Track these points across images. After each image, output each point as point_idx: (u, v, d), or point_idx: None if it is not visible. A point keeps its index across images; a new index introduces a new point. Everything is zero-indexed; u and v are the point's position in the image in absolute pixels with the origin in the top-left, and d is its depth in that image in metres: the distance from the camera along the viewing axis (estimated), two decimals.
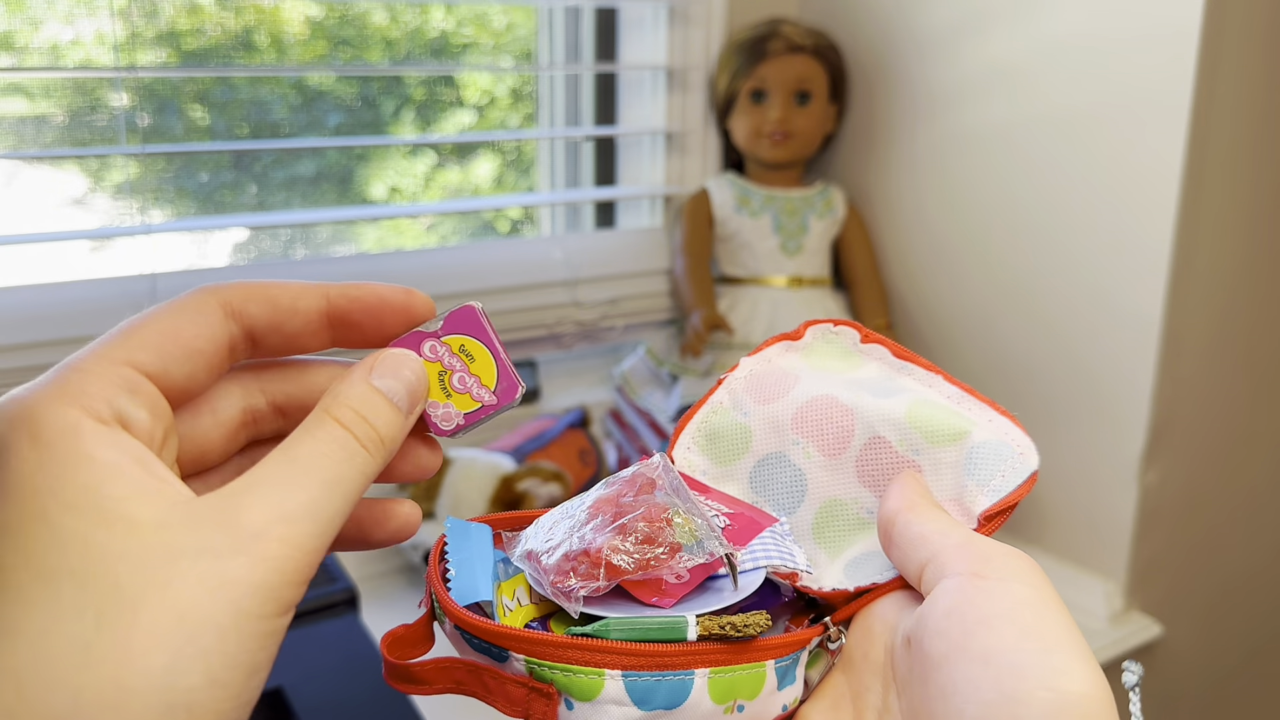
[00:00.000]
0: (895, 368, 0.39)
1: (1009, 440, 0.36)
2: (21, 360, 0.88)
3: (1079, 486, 1.05)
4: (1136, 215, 0.96)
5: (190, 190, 1.04)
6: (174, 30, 0.98)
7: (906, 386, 0.38)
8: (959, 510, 0.36)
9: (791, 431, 0.39)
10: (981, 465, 0.36)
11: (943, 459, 0.36)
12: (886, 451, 0.37)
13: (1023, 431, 0.36)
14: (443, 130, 1.17)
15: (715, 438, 0.40)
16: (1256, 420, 1.13)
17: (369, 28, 1.10)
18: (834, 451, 0.38)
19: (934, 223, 1.15)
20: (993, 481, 0.35)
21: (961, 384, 0.38)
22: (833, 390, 0.39)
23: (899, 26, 1.14)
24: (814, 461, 0.38)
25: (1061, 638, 0.29)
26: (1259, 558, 1.21)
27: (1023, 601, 0.30)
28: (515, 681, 0.32)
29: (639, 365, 1.18)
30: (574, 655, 0.31)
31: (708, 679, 0.32)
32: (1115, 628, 1.03)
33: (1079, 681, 0.28)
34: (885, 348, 0.40)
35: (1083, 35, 0.97)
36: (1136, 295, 0.97)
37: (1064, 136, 1.01)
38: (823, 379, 0.39)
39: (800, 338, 0.41)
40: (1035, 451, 0.36)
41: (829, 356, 0.40)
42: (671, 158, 1.22)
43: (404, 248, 1.15)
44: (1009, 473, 0.35)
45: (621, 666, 0.31)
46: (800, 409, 0.39)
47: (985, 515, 0.35)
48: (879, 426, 0.37)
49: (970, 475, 0.36)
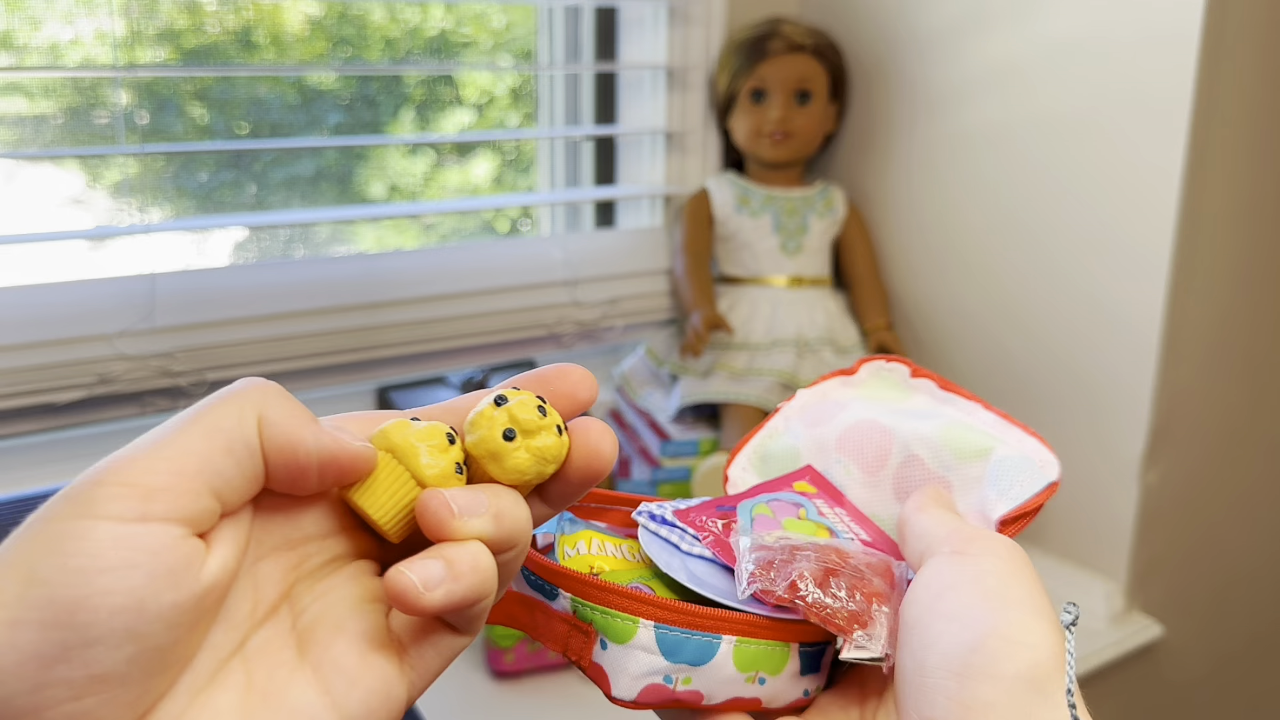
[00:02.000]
0: (940, 399, 0.42)
1: (1032, 455, 0.38)
2: (22, 360, 0.87)
3: (1080, 487, 1.05)
4: (1137, 216, 0.96)
5: (189, 189, 1.04)
6: (173, 28, 0.98)
7: (946, 414, 0.41)
8: (980, 519, 0.38)
9: (835, 451, 0.42)
10: (1003, 476, 0.38)
11: (970, 474, 0.39)
12: (920, 468, 0.40)
13: (1049, 450, 0.39)
14: (442, 130, 1.17)
15: (768, 459, 0.43)
16: (1256, 420, 1.13)
17: (368, 27, 1.10)
18: (873, 470, 0.41)
19: (934, 222, 1.15)
20: (1011, 490, 0.37)
21: (1000, 411, 0.40)
22: (876, 415, 0.42)
23: (899, 26, 1.14)
24: (854, 478, 0.41)
25: (1021, 599, 0.32)
26: (1259, 557, 1.21)
27: (990, 571, 0.33)
28: (560, 618, 0.34)
29: (639, 365, 1.18)
30: (614, 600, 0.34)
31: (734, 645, 0.34)
32: (1116, 628, 1.03)
33: (1031, 634, 0.30)
34: (933, 381, 0.43)
35: (1084, 36, 0.97)
36: (1137, 295, 0.97)
37: (1065, 136, 1.01)
38: (870, 406, 0.42)
39: (855, 373, 0.44)
40: (1057, 465, 0.38)
41: (880, 389, 0.44)
42: (671, 157, 1.21)
43: (403, 247, 1.15)
44: (1027, 482, 0.37)
45: (655, 618, 0.34)
46: (844, 431, 0.42)
47: (1002, 520, 0.37)
48: (914, 445, 0.40)
49: (992, 486, 0.38)
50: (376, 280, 1.04)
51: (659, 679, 0.34)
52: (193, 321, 0.94)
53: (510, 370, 1.17)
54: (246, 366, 0.97)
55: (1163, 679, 1.13)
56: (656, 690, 0.34)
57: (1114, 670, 1.02)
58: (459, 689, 0.87)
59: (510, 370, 1.17)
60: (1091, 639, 1.00)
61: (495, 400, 0.31)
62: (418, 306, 1.05)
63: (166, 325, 0.93)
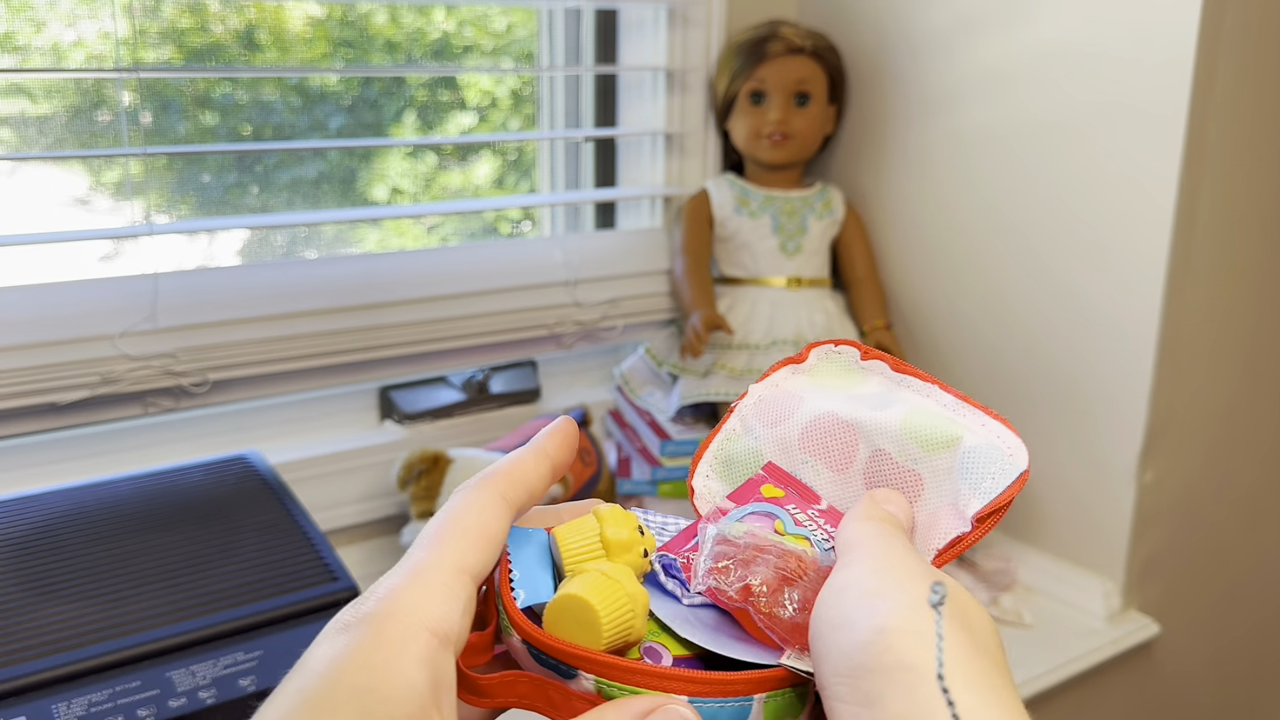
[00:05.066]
0: (895, 381, 0.40)
1: (1000, 443, 0.37)
2: (25, 360, 0.88)
3: (1077, 486, 1.06)
4: (1133, 217, 0.97)
5: (193, 191, 1.05)
6: (176, 28, 0.99)
7: (904, 398, 0.39)
8: (954, 514, 0.37)
9: (799, 451, 0.40)
10: (973, 469, 0.37)
11: (939, 466, 0.37)
12: (888, 464, 0.38)
13: (1014, 434, 0.37)
14: (444, 132, 1.18)
15: (731, 464, 0.41)
16: (1254, 420, 1.14)
17: (371, 30, 1.10)
18: (841, 467, 0.39)
19: (933, 223, 1.15)
20: (983, 484, 0.36)
21: (957, 392, 0.39)
22: (833, 407, 0.40)
23: (898, 29, 1.15)
24: (824, 478, 0.40)
25: (882, 585, 0.31)
26: (1257, 556, 1.21)
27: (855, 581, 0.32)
28: (583, 699, 0.32)
29: (639, 365, 1.19)
30: (642, 680, 0.32)
31: (763, 702, 0.33)
32: (1113, 627, 1.03)
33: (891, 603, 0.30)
34: (885, 363, 0.41)
35: (1081, 40, 0.98)
36: (1134, 295, 0.98)
37: (1064, 137, 1.01)
38: (824, 397, 0.41)
39: (804, 360, 0.42)
40: (1025, 452, 0.36)
41: (832, 375, 0.42)
42: (671, 159, 1.22)
43: (405, 248, 1.16)
44: (998, 474, 0.36)
45: (690, 693, 0.32)
46: (805, 429, 0.40)
47: (977, 517, 0.36)
48: (878, 440, 0.38)
49: (963, 479, 0.37)
50: (378, 280, 1.04)
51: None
52: (195, 322, 0.95)
53: (510, 370, 1.17)
54: (249, 366, 0.97)
55: (1160, 678, 1.13)
56: None
57: (1111, 669, 1.02)
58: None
59: (510, 370, 1.17)
60: (1089, 638, 1.01)
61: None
62: (419, 307, 1.06)
63: (169, 325, 0.94)
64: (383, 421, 1.13)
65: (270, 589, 0.72)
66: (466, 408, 1.13)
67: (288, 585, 0.73)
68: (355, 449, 1.06)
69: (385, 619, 0.30)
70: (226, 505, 0.82)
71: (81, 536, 0.76)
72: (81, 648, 0.65)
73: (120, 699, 0.63)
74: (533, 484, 0.35)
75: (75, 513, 0.79)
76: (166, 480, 0.86)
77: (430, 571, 0.31)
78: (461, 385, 1.14)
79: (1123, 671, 1.06)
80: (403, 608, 0.30)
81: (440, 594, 0.31)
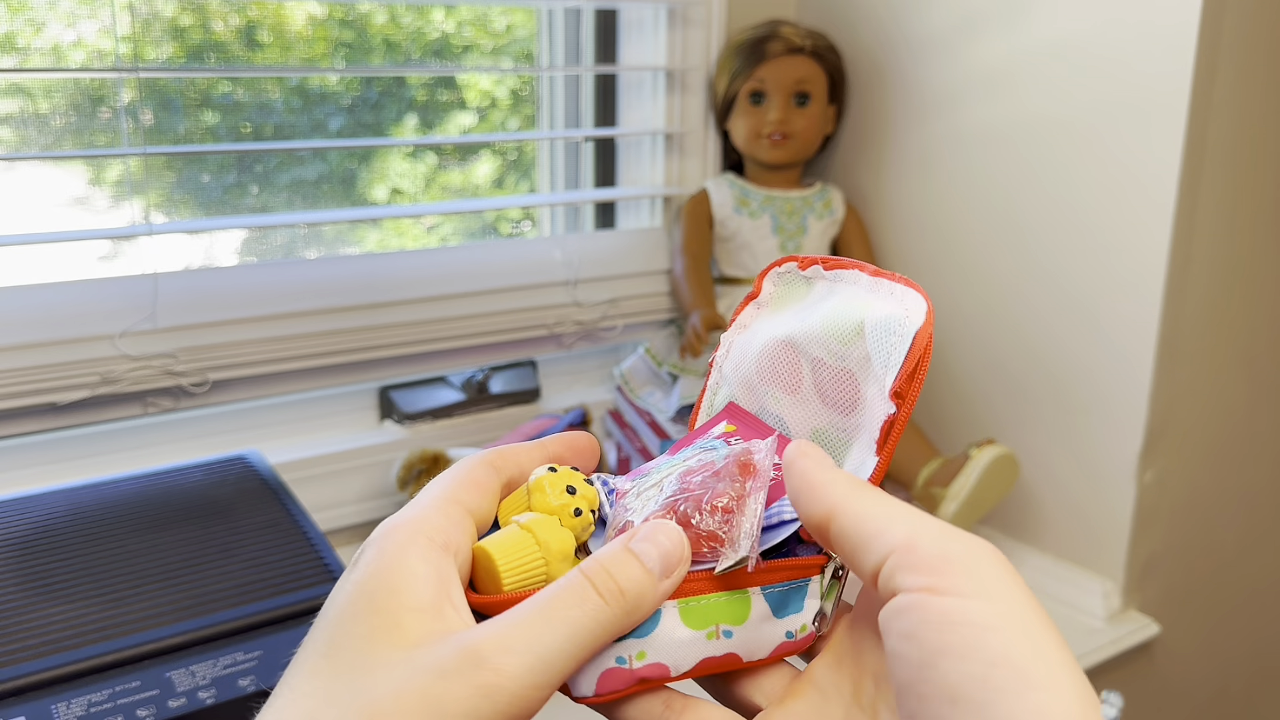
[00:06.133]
0: (830, 279, 0.40)
1: (899, 309, 0.35)
2: (25, 360, 0.88)
3: (1077, 486, 1.06)
4: (1134, 216, 0.97)
5: (192, 191, 1.05)
6: (176, 27, 0.99)
7: (833, 294, 0.39)
8: (882, 400, 0.35)
9: (759, 385, 0.40)
10: (880, 346, 0.35)
11: (858, 354, 0.36)
12: (826, 370, 0.38)
13: (915, 290, 0.35)
14: (444, 132, 1.18)
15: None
16: (1254, 419, 1.14)
17: (370, 30, 1.10)
18: (794, 388, 0.39)
19: (932, 223, 1.15)
20: (891, 358, 0.35)
21: (877, 269, 0.38)
22: (772, 332, 0.40)
23: (897, 28, 1.15)
24: (784, 404, 0.39)
25: (1036, 664, 0.26)
26: (1256, 556, 1.21)
27: (987, 625, 0.26)
28: None
29: (639, 365, 1.19)
30: None
31: (677, 608, 0.33)
32: (1113, 627, 1.03)
33: (1054, 699, 0.25)
34: (818, 264, 0.40)
35: (1081, 39, 0.98)
36: (1134, 295, 0.98)
37: (1063, 137, 1.01)
38: (768, 324, 0.41)
39: (759, 292, 0.42)
40: (922, 306, 0.34)
41: (785, 298, 0.42)
42: (671, 159, 1.22)
43: (405, 248, 1.16)
44: (899, 342, 0.34)
45: None
46: (757, 361, 0.40)
47: (894, 392, 0.34)
48: (811, 349, 0.38)
49: (877, 360, 0.35)
50: (378, 280, 1.04)
51: (610, 662, 0.32)
52: (195, 322, 0.95)
53: (510, 370, 1.17)
54: (249, 366, 0.97)
55: (1160, 677, 1.13)
56: (615, 675, 0.32)
57: (1111, 668, 1.02)
58: None
59: (510, 370, 1.17)
60: (1088, 637, 1.01)
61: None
62: (419, 307, 1.06)
63: (169, 325, 0.94)
64: (382, 421, 1.13)
65: (270, 589, 0.73)
66: (466, 408, 1.13)
67: (288, 585, 0.73)
68: (355, 449, 1.06)
69: (385, 538, 0.33)
70: (226, 505, 0.82)
71: (81, 536, 0.76)
72: (81, 648, 0.65)
73: (120, 699, 0.63)
74: (522, 462, 0.38)
75: (75, 513, 0.79)
76: (166, 480, 0.86)
77: (422, 502, 0.34)
78: (461, 385, 1.14)
79: (1122, 671, 1.06)
80: (400, 526, 0.33)
81: (434, 513, 0.34)
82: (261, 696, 0.65)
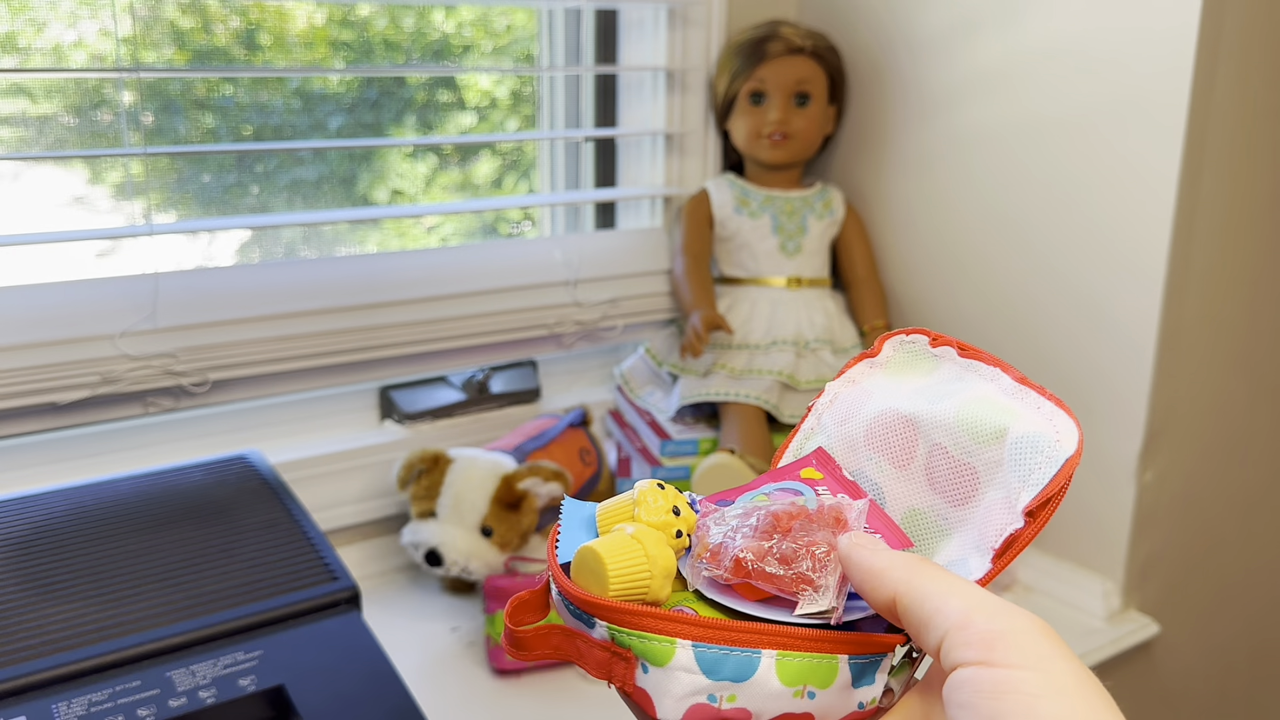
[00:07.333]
0: (963, 366, 0.40)
1: (1050, 428, 0.36)
2: (25, 360, 0.88)
3: (1077, 485, 1.06)
4: (1133, 215, 0.97)
5: (193, 191, 1.05)
6: (177, 28, 0.99)
7: (966, 387, 0.39)
8: (1007, 509, 0.36)
9: (865, 448, 0.40)
10: (1022, 460, 0.36)
11: (991, 458, 0.37)
12: (945, 458, 0.38)
13: (1068, 415, 0.36)
14: (444, 132, 1.18)
15: None
16: (1253, 419, 1.14)
17: (371, 30, 1.10)
18: (903, 463, 0.39)
19: (932, 223, 1.15)
20: (1033, 475, 0.35)
21: (1019, 375, 0.38)
22: (895, 403, 0.40)
23: (897, 29, 1.15)
24: (888, 475, 0.40)
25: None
26: (1256, 555, 1.21)
27: (1036, 693, 0.29)
28: (600, 645, 0.34)
29: (639, 365, 1.19)
30: (649, 624, 0.33)
31: (775, 660, 0.33)
32: (1113, 626, 1.03)
33: None
34: (952, 347, 0.41)
35: (1081, 39, 0.98)
36: (1133, 295, 0.98)
37: (1063, 137, 1.01)
38: (890, 392, 0.41)
39: (879, 353, 0.43)
40: (1075, 434, 0.35)
41: (904, 366, 0.42)
42: (671, 159, 1.22)
43: (405, 249, 1.16)
44: (1045, 464, 0.35)
45: (692, 637, 0.33)
46: (869, 426, 0.40)
47: (1026, 510, 0.35)
48: (935, 434, 0.38)
49: (1013, 471, 0.36)
50: (378, 280, 1.04)
51: (703, 698, 0.33)
52: (195, 321, 0.95)
53: (511, 370, 1.17)
54: (249, 366, 0.97)
55: (1159, 677, 1.13)
56: (702, 710, 0.33)
57: (1111, 668, 1.02)
58: (460, 687, 0.88)
59: (511, 370, 1.17)
60: (1088, 637, 1.01)
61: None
62: (419, 307, 1.06)
63: (169, 325, 0.94)
64: (383, 421, 1.13)
65: (270, 589, 0.73)
66: (466, 407, 1.13)
67: (288, 585, 0.73)
68: (355, 449, 1.06)
69: None
70: (226, 505, 0.82)
71: (81, 536, 0.76)
72: (81, 648, 0.65)
73: (120, 699, 0.63)
74: None
75: (75, 513, 0.79)
76: (166, 480, 0.86)
77: None
78: (461, 385, 1.14)
79: (1122, 671, 1.06)
80: None
81: None
82: (262, 696, 0.65)
